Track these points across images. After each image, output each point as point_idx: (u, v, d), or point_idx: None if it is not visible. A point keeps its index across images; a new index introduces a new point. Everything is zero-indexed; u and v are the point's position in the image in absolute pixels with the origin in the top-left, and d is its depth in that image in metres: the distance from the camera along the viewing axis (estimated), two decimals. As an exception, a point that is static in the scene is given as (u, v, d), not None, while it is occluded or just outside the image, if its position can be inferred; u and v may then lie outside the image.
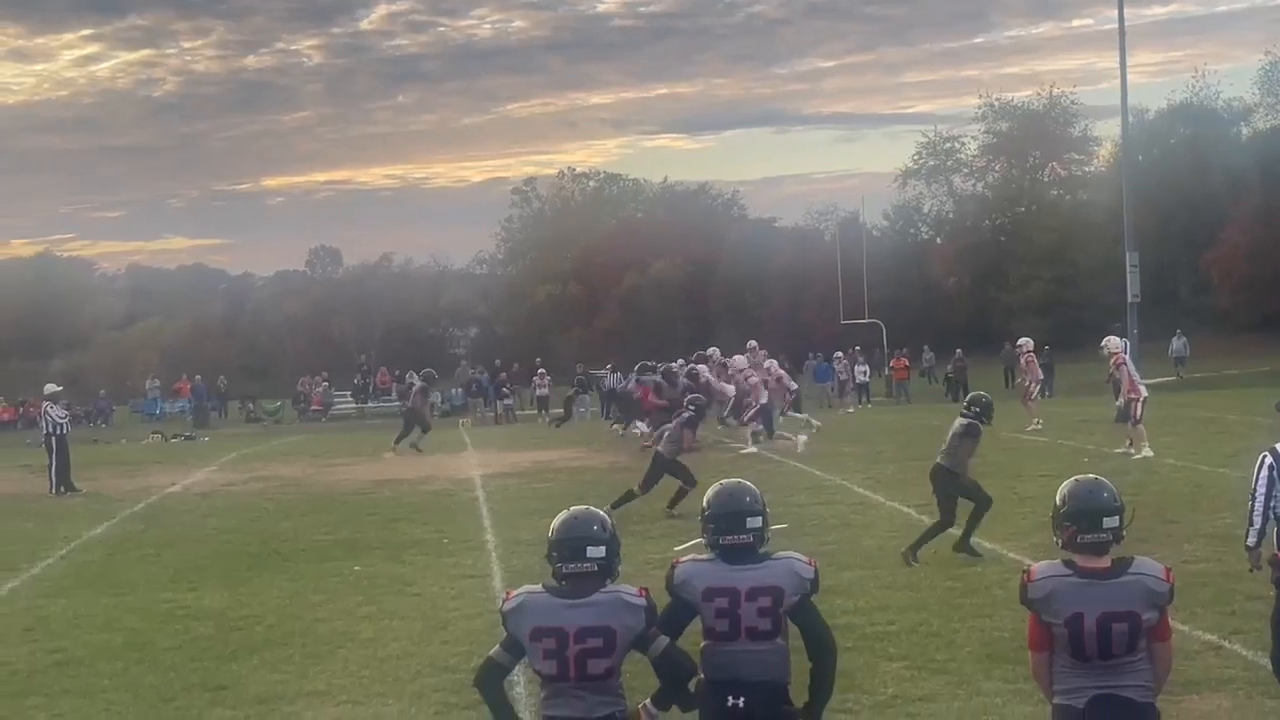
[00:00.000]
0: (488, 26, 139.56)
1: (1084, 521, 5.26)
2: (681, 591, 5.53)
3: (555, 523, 5.36)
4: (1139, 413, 22.13)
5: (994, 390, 42.68)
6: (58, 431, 25.06)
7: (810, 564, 5.57)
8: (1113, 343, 23.99)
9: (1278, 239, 63.07)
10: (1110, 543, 5.28)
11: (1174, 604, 5.32)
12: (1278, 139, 70.89)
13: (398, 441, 29.63)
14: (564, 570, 5.26)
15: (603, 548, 5.27)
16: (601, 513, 5.43)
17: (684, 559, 5.68)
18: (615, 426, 32.33)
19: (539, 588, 5.31)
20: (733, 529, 5.54)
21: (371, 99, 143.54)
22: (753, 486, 5.72)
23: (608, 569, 5.29)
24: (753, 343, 31.72)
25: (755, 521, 5.56)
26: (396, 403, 48.31)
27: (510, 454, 28.70)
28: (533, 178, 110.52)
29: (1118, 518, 5.29)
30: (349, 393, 58.57)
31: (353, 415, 55.45)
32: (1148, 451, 21.45)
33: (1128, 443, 22.42)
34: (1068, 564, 5.28)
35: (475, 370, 53.02)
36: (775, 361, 30.27)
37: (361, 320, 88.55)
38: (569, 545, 5.26)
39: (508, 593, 5.44)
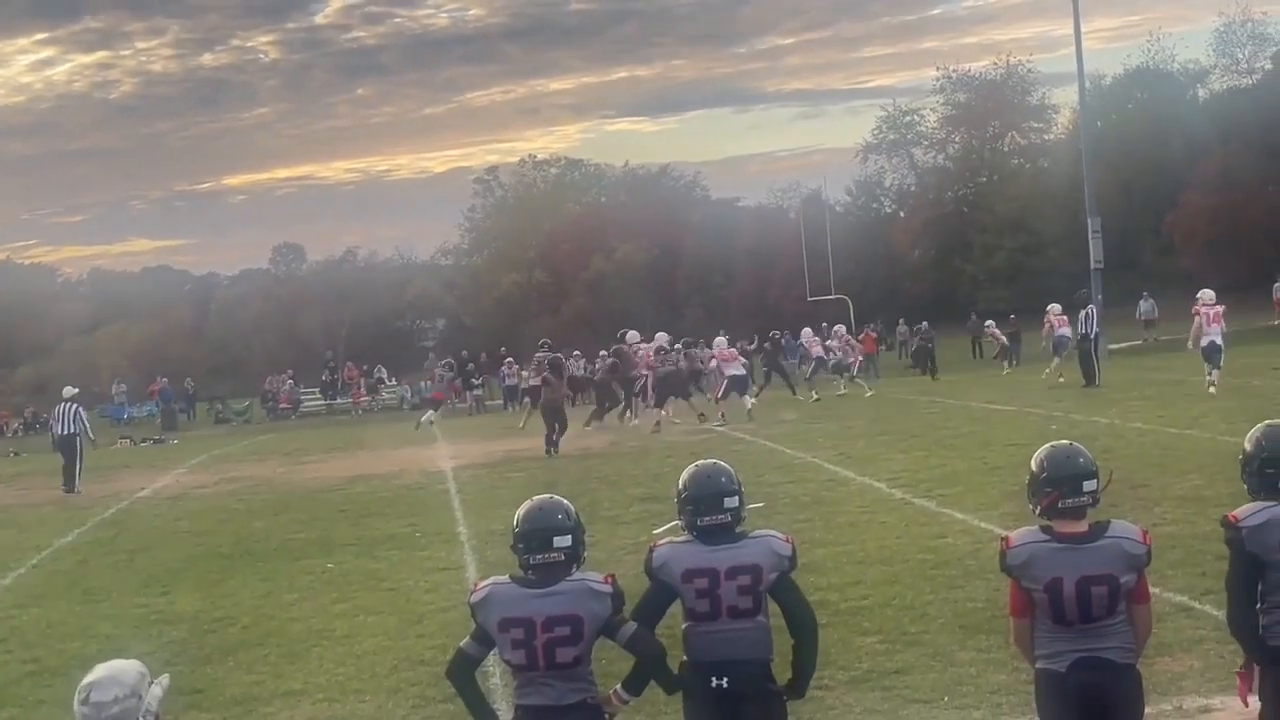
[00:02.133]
0: (444, 16, 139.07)
1: (1065, 486, 5.29)
2: (661, 574, 5.54)
3: (520, 513, 5.35)
4: None
5: (961, 361, 42.96)
6: (80, 431, 26.18)
7: (788, 541, 5.59)
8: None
9: (1238, 200, 63.45)
10: (1089, 506, 5.31)
11: (1151, 566, 5.35)
12: (1235, 100, 71.25)
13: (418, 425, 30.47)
14: (531, 561, 5.26)
15: (569, 536, 5.27)
16: (566, 501, 5.42)
17: (661, 542, 5.68)
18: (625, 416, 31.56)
19: (506, 579, 5.32)
20: (711, 510, 5.55)
21: (330, 93, 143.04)
22: (727, 466, 5.73)
23: (574, 557, 5.30)
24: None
25: (732, 501, 5.58)
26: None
27: (481, 445, 28.68)
28: (495, 166, 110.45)
29: (1095, 481, 5.33)
30: (317, 390, 58.38)
31: (321, 412, 55.29)
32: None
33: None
34: (1045, 530, 5.31)
35: (443, 363, 52.82)
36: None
37: (328, 316, 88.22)
38: (535, 536, 5.26)
39: (475, 584, 5.44)
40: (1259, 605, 5.43)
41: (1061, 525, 5.29)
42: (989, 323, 45.68)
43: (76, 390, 27.83)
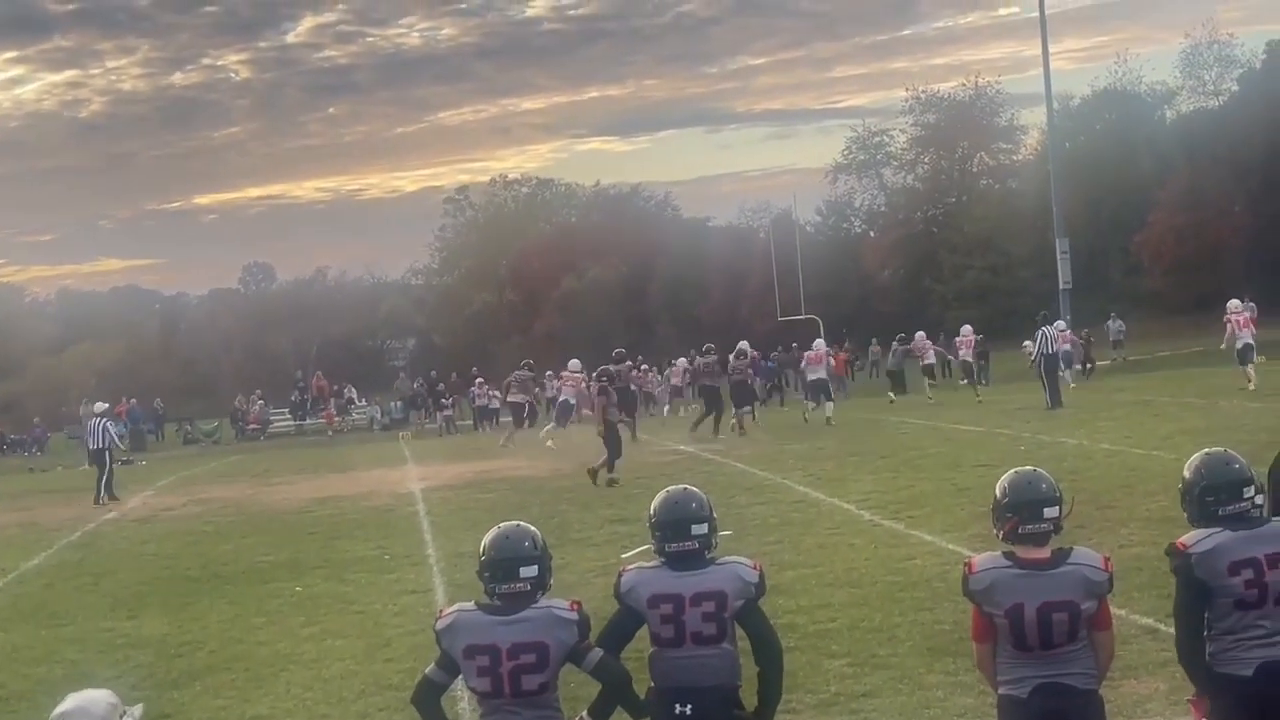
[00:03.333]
0: (416, 35, 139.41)
1: (1025, 513, 5.32)
2: (628, 599, 5.55)
3: (486, 541, 5.35)
4: None
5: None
6: (110, 445, 27.39)
7: (755, 568, 5.59)
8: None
9: (1206, 220, 63.93)
10: (1050, 533, 5.34)
11: (1113, 592, 5.38)
12: (1202, 121, 71.84)
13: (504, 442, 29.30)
14: (497, 590, 5.26)
15: (534, 566, 5.27)
16: (533, 529, 5.41)
17: (630, 567, 5.69)
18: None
19: (471, 605, 5.32)
20: (678, 536, 5.56)
21: (302, 112, 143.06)
22: (699, 493, 5.73)
23: (540, 584, 5.30)
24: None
25: (700, 528, 5.57)
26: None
27: (451, 465, 28.61)
28: (465, 186, 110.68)
29: (1057, 508, 5.35)
30: (286, 410, 58.18)
31: (291, 432, 55.08)
32: None
33: None
34: (1008, 555, 5.34)
35: (415, 383, 52.77)
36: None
37: (298, 336, 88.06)
38: (501, 566, 5.26)
39: (440, 611, 5.43)
40: (1206, 633, 5.46)
41: (1024, 551, 5.32)
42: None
43: (107, 405, 29.12)
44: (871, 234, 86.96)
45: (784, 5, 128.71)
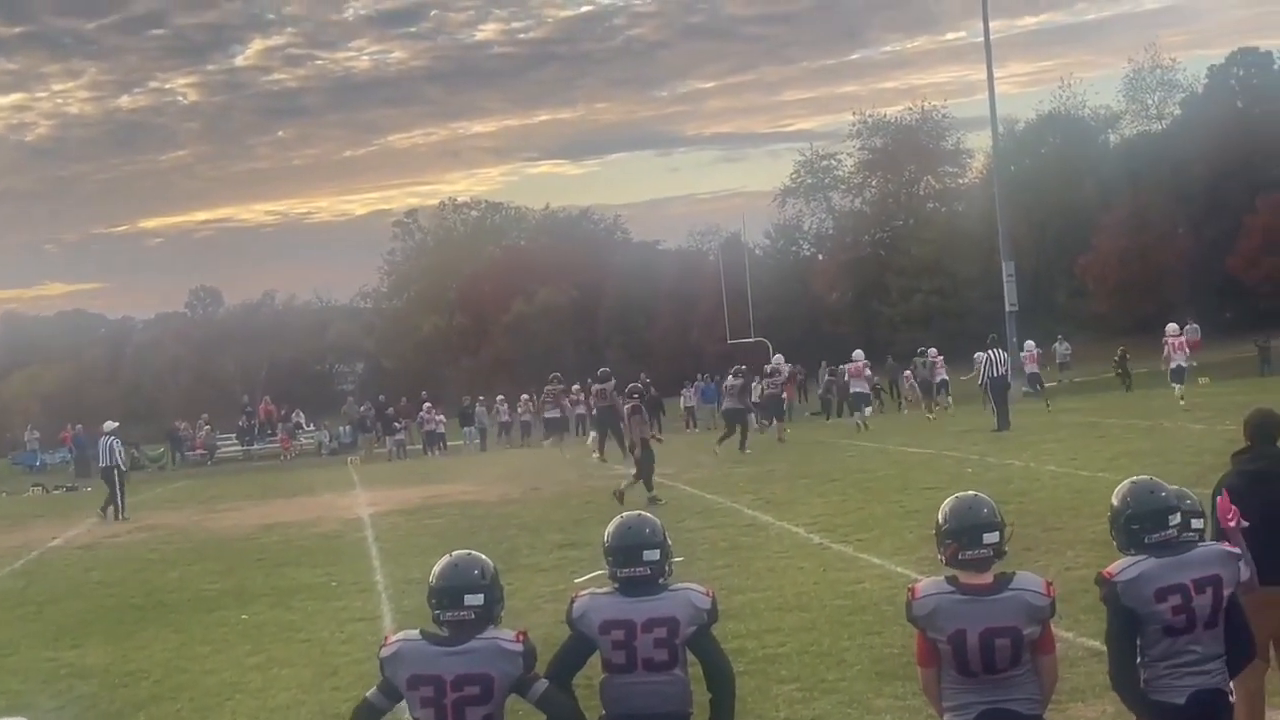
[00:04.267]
0: (366, 58, 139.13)
1: (964, 539, 5.34)
2: (580, 625, 5.53)
3: (435, 568, 5.31)
4: None
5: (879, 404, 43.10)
6: (117, 464, 28.21)
7: (707, 594, 5.58)
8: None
9: (1149, 243, 64.64)
10: (991, 559, 5.36)
11: (1056, 616, 5.40)
12: (1144, 145, 72.73)
13: (596, 451, 28.66)
14: (442, 617, 5.23)
15: (481, 595, 5.22)
16: (484, 558, 5.38)
17: (582, 593, 5.67)
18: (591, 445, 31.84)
19: (416, 634, 5.27)
20: (629, 562, 5.55)
21: (251, 135, 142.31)
22: (653, 519, 5.73)
23: (487, 615, 5.24)
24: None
25: (652, 554, 5.56)
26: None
27: (400, 490, 28.47)
28: (414, 209, 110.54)
29: (998, 534, 5.37)
30: (234, 435, 57.71)
31: (238, 458, 54.65)
32: None
33: None
34: (950, 581, 5.35)
35: (363, 407, 52.46)
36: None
37: (245, 360, 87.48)
38: (447, 593, 5.22)
39: (385, 638, 5.39)
40: (1140, 660, 5.50)
41: (966, 576, 5.34)
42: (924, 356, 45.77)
43: (116, 424, 29.71)
44: (820, 257, 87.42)
45: (733, 29, 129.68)
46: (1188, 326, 50.60)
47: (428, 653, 5.16)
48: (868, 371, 36.72)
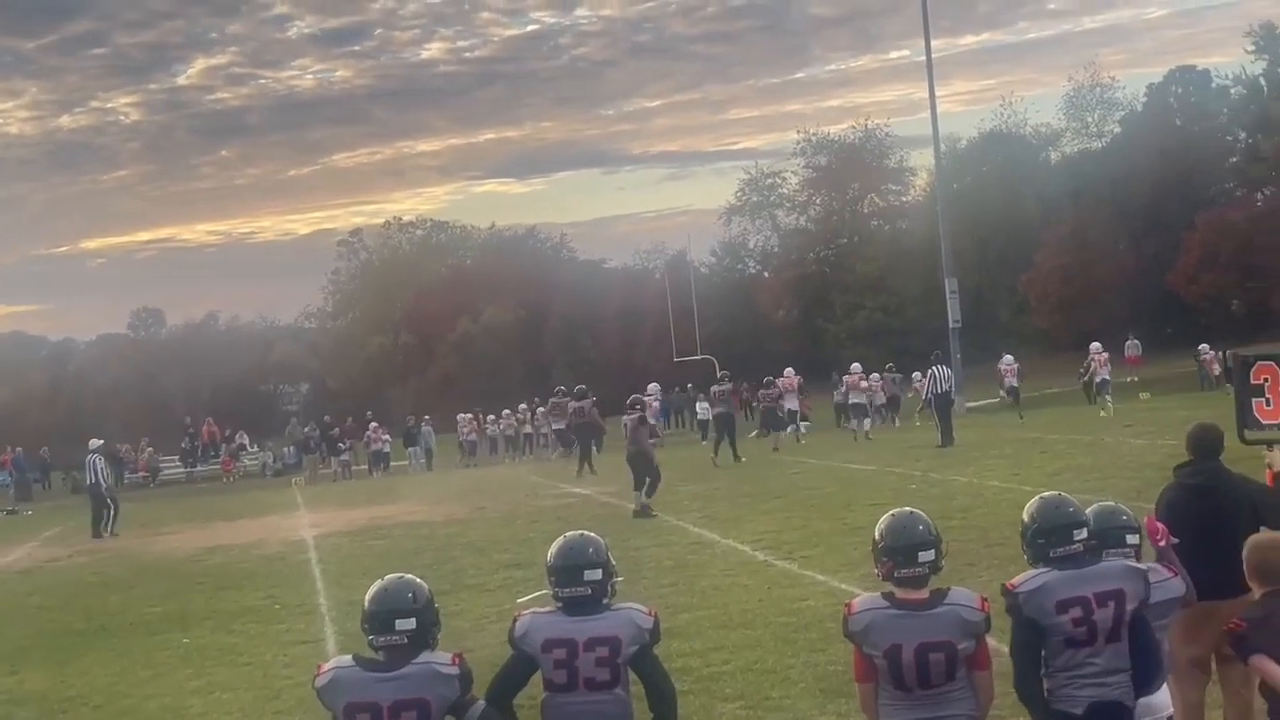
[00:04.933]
0: (310, 77, 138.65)
1: (900, 556, 5.40)
2: (521, 644, 5.52)
3: (369, 593, 5.29)
4: None
5: (825, 421, 43.35)
6: (104, 480, 29.00)
7: (650, 614, 5.59)
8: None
9: (1090, 259, 65.26)
10: (927, 575, 5.41)
11: (991, 631, 5.44)
12: (1085, 162, 73.48)
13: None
14: (375, 642, 5.19)
15: (412, 619, 5.19)
16: (418, 581, 5.35)
17: (525, 612, 5.67)
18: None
19: (350, 660, 5.24)
20: (571, 582, 5.55)
21: (193, 154, 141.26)
22: (596, 539, 5.72)
23: (420, 640, 5.21)
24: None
25: (594, 574, 5.56)
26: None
27: (344, 512, 28.30)
28: (359, 228, 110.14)
29: (933, 550, 5.43)
30: (176, 457, 57.22)
31: (181, 480, 54.18)
32: None
33: None
34: (887, 596, 5.41)
35: (308, 427, 52.13)
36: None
37: (189, 381, 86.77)
38: (379, 618, 5.20)
39: (319, 667, 5.34)
40: (1044, 670, 5.57)
41: (902, 592, 5.40)
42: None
43: (101, 442, 30.25)
44: (765, 274, 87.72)
45: (679, 48, 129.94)
46: (1129, 342, 51.33)
47: (363, 679, 5.13)
48: (863, 384, 38.16)
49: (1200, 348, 44.58)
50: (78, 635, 15.41)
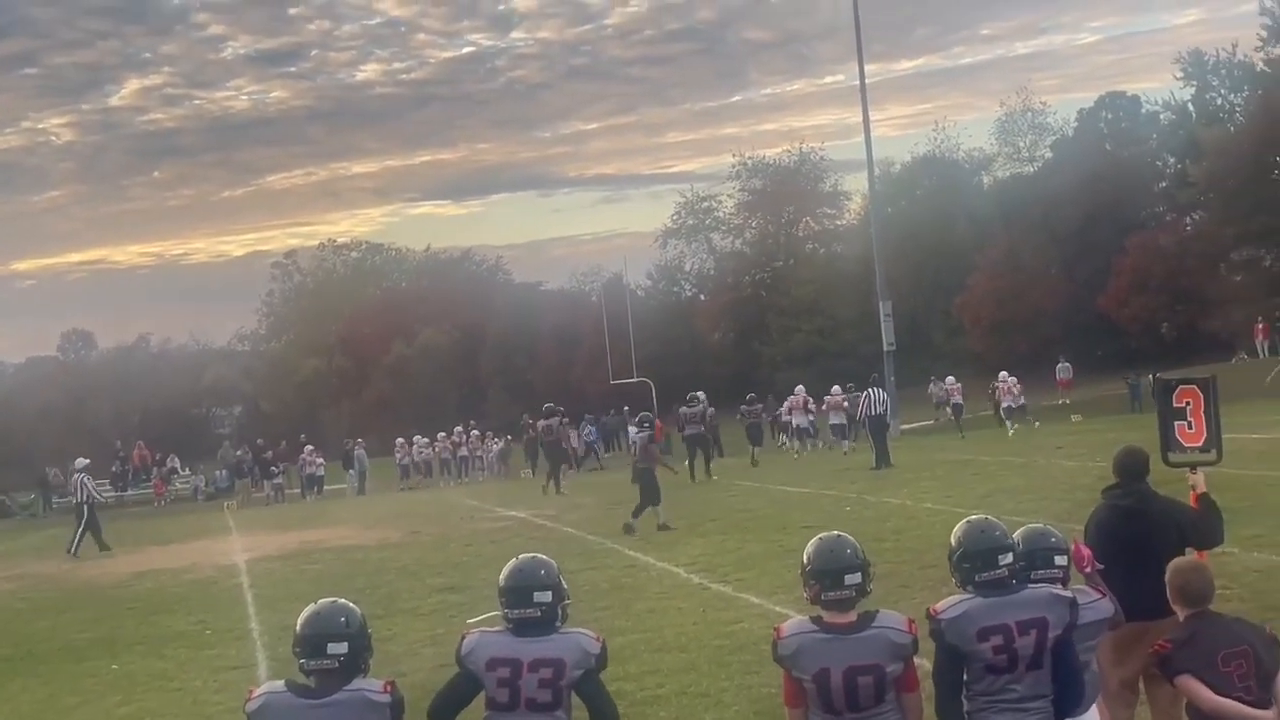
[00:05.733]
0: (245, 98, 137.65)
1: (826, 580, 5.43)
2: (467, 662, 5.50)
3: (301, 616, 5.24)
4: None
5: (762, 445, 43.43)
6: (89, 500, 29.17)
7: (598, 640, 5.59)
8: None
9: (1022, 283, 65.84)
10: (855, 598, 5.43)
11: (919, 654, 5.47)
12: (1017, 187, 74.18)
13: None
14: (306, 666, 5.15)
15: (345, 644, 5.14)
16: (350, 606, 5.31)
17: (474, 630, 5.67)
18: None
19: (281, 685, 5.18)
20: (520, 604, 5.53)
21: (126, 175, 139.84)
22: (548, 561, 5.71)
23: (352, 665, 5.16)
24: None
25: (544, 596, 5.55)
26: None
27: (277, 536, 28.07)
28: (293, 250, 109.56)
29: (860, 574, 5.46)
30: (107, 481, 56.49)
31: (111, 504, 53.46)
32: None
33: None
34: (815, 620, 5.43)
35: (240, 450, 51.68)
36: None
37: (119, 404, 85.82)
38: (309, 642, 5.15)
39: (250, 691, 5.28)
40: (965, 694, 5.60)
41: (830, 615, 5.43)
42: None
43: (87, 462, 30.47)
44: (702, 297, 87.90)
45: (615, 71, 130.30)
46: (1059, 365, 51.87)
47: (294, 706, 5.08)
48: (845, 404, 38.61)
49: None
50: (3, 662, 15.19)
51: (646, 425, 24.78)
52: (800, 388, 40.94)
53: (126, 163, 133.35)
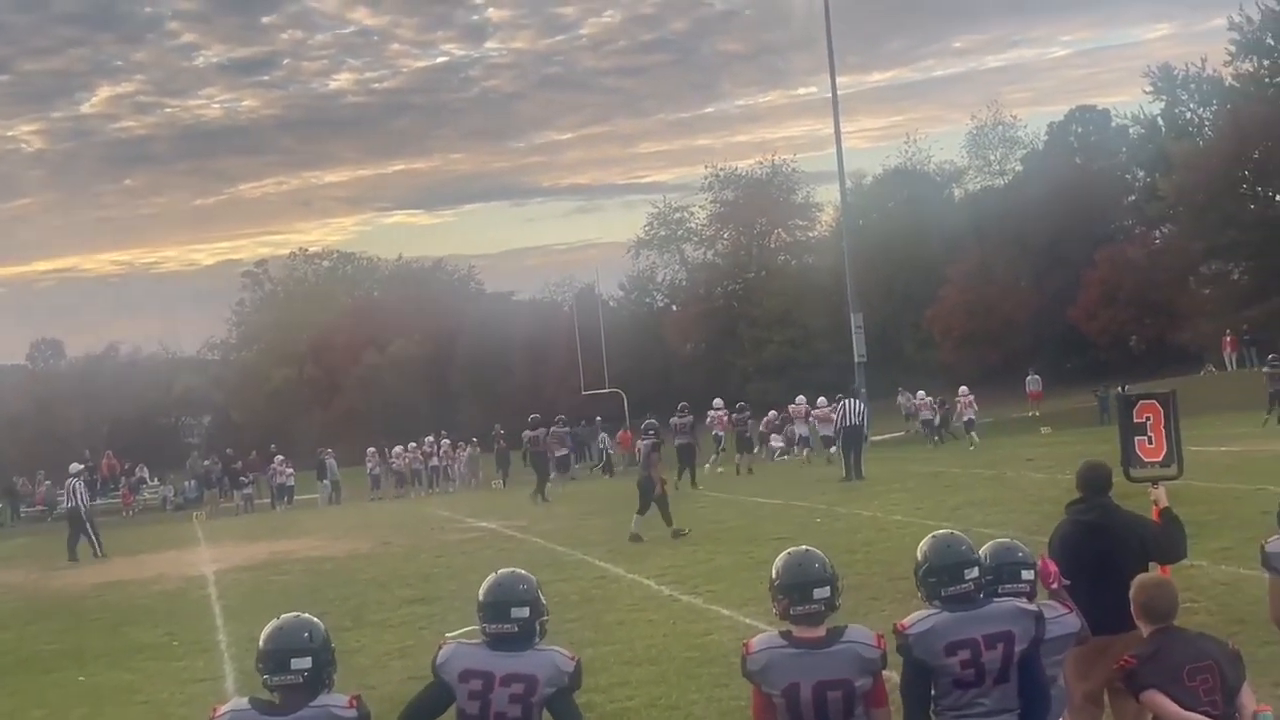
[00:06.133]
0: (217, 106, 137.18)
1: (795, 594, 5.44)
2: (441, 671, 5.49)
3: (264, 631, 5.21)
4: None
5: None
6: (84, 503, 29.75)
7: (572, 659, 5.58)
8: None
9: (992, 295, 66.08)
10: (823, 613, 5.43)
11: (888, 669, 5.47)
12: (988, 199, 74.46)
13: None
14: (270, 682, 5.12)
15: (308, 659, 5.12)
16: (314, 620, 5.28)
17: (451, 640, 5.67)
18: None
19: (245, 703, 5.15)
20: (497, 618, 5.53)
21: (98, 183, 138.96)
22: (528, 576, 5.71)
23: (316, 680, 5.14)
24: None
25: (521, 612, 5.54)
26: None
27: (246, 546, 27.95)
28: (264, 259, 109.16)
29: (829, 588, 5.46)
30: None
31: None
32: None
33: None
34: (784, 635, 5.43)
35: (209, 460, 51.45)
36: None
37: (89, 414, 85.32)
38: (273, 657, 5.12)
39: (214, 710, 5.24)
40: (933, 708, 5.62)
41: (799, 630, 5.43)
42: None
43: (81, 467, 31.58)
44: (674, 308, 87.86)
45: (589, 82, 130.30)
46: (1029, 377, 52.06)
47: (258, 724, 5.05)
48: (834, 415, 37.95)
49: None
50: (-32, 674, 15.06)
51: (650, 434, 25.15)
52: (801, 398, 41.76)
53: (97, 170, 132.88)
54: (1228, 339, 53.27)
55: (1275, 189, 63.31)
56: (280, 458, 47.03)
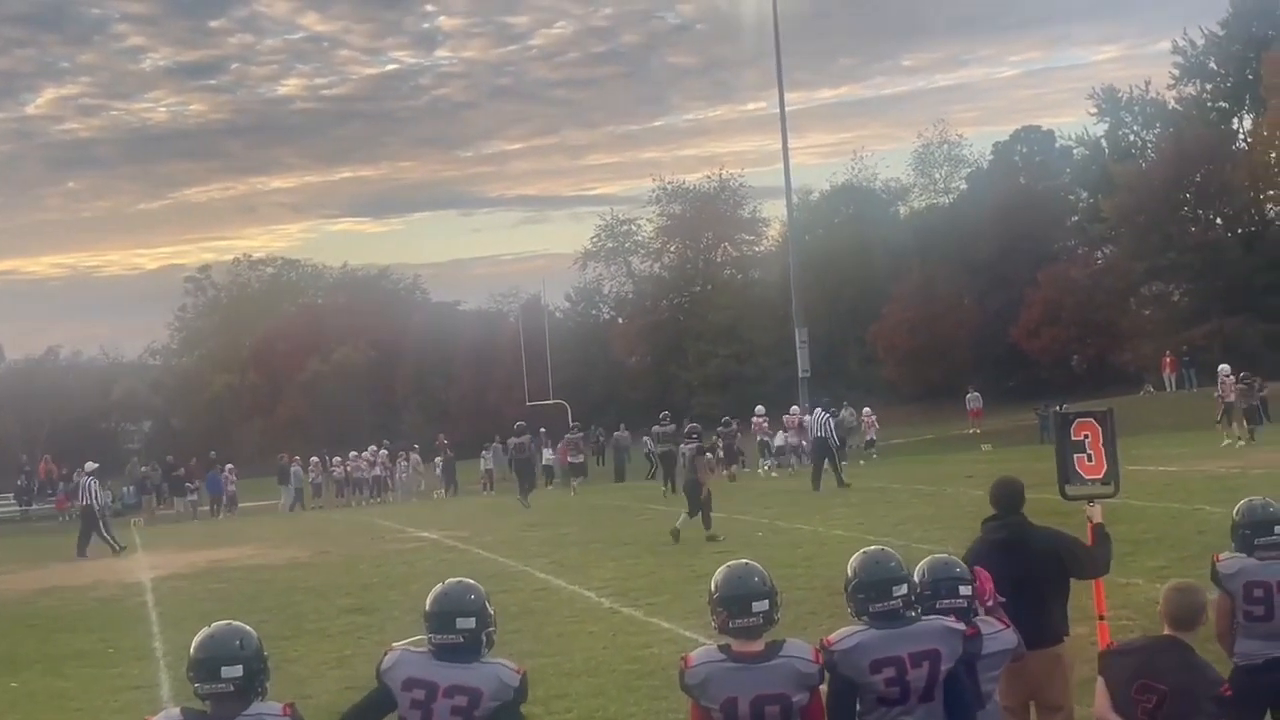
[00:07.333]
0: (163, 110, 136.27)
1: (734, 607, 5.44)
2: (385, 677, 5.46)
3: (195, 640, 5.16)
4: None
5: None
6: (98, 502, 30.40)
7: (518, 672, 5.55)
8: None
9: (936, 313, 66.52)
10: (762, 626, 5.44)
11: (824, 685, 5.49)
12: (933, 217, 75.02)
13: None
14: (200, 691, 5.07)
15: (239, 667, 5.07)
16: (246, 628, 5.24)
17: (398, 646, 5.66)
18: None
19: (177, 713, 5.10)
20: (442, 629, 5.50)
21: (40, 185, 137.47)
22: (476, 586, 5.69)
23: (248, 689, 5.09)
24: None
25: (467, 622, 5.50)
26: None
27: (184, 554, 27.69)
28: (208, 265, 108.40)
29: (767, 602, 5.46)
30: (11, 495, 55.53)
31: (15, 518, 52.57)
32: None
33: None
34: (723, 649, 5.43)
35: (147, 466, 50.99)
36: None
37: (26, 417, 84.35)
38: (203, 665, 5.07)
39: (146, 720, 5.20)
40: None
41: (738, 644, 5.43)
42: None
43: (96, 465, 31.85)
44: (620, 320, 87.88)
45: (539, 93, 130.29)
46: (969, 395, 52.37)
47: (194, 734, 5.00)
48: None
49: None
50: (-102, 681, 14.85)
51: (695, 437, 25.72)
52: (795, 408, 42.22)
53: (41, 172, 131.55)
54: (1167, 360, 53.77)
55: (1216, 212, 64.20)
56: (230, 466, 46.85)
